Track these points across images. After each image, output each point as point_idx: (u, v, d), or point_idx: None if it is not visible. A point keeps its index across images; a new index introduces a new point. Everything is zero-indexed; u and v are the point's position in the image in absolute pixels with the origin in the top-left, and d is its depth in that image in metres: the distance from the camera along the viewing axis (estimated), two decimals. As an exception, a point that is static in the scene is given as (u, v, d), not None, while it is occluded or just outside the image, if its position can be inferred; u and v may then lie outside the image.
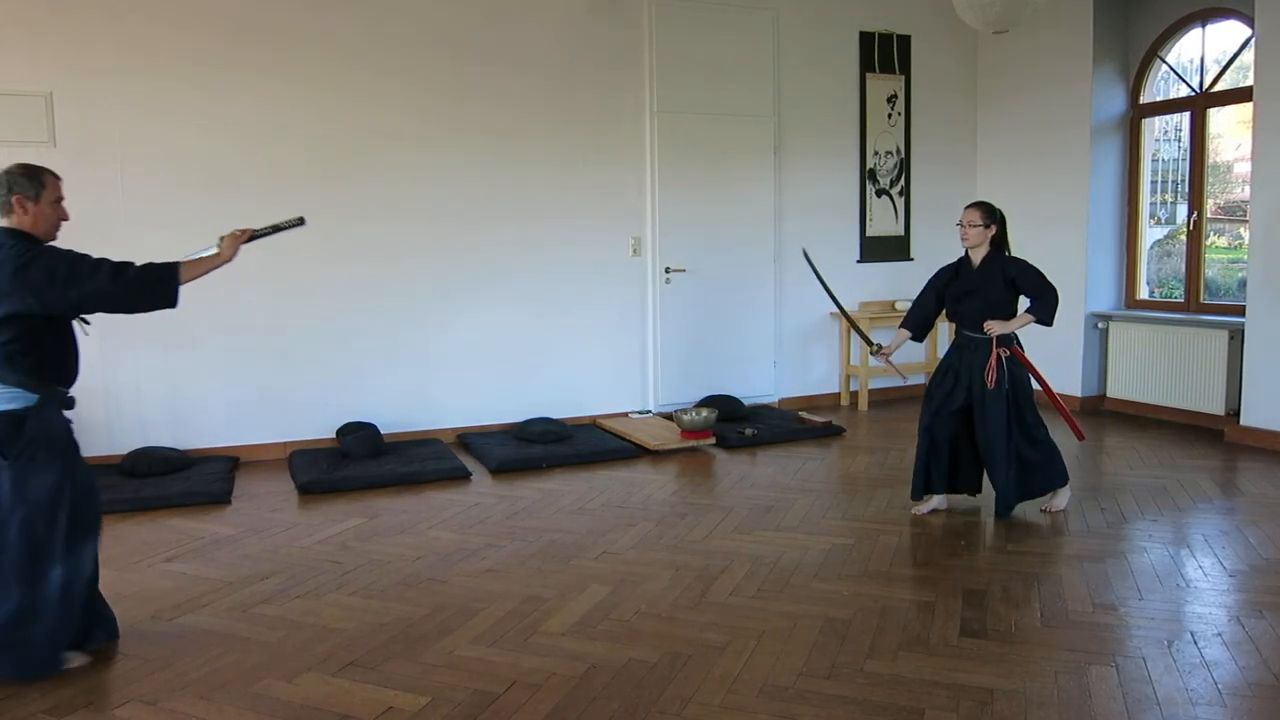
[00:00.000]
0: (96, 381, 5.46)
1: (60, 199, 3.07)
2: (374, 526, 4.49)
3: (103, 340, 5.46)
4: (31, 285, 2.85)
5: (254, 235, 3.47)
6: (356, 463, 5.48)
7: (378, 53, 5.91)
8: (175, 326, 5.58)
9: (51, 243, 3.04)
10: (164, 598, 3.61)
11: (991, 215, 4.50)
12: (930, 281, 4.69)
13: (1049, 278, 4.42)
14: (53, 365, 3.05)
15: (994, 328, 4.40)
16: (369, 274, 6.00)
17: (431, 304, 6.19)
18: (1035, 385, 4.55)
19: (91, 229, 5.38)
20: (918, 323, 4.69)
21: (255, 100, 5.65)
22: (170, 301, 3.10)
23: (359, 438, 5.64)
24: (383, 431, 5.90)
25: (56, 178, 3.07)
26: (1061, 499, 4.60)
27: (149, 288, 3.06)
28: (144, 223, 5.46)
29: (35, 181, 2.99)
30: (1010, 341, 4.44)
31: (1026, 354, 4.51)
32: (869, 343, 4.84)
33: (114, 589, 3.69)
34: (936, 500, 4.63)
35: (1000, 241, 4.53)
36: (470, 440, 6.05)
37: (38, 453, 2.94)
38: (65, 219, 3.10)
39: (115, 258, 5.56)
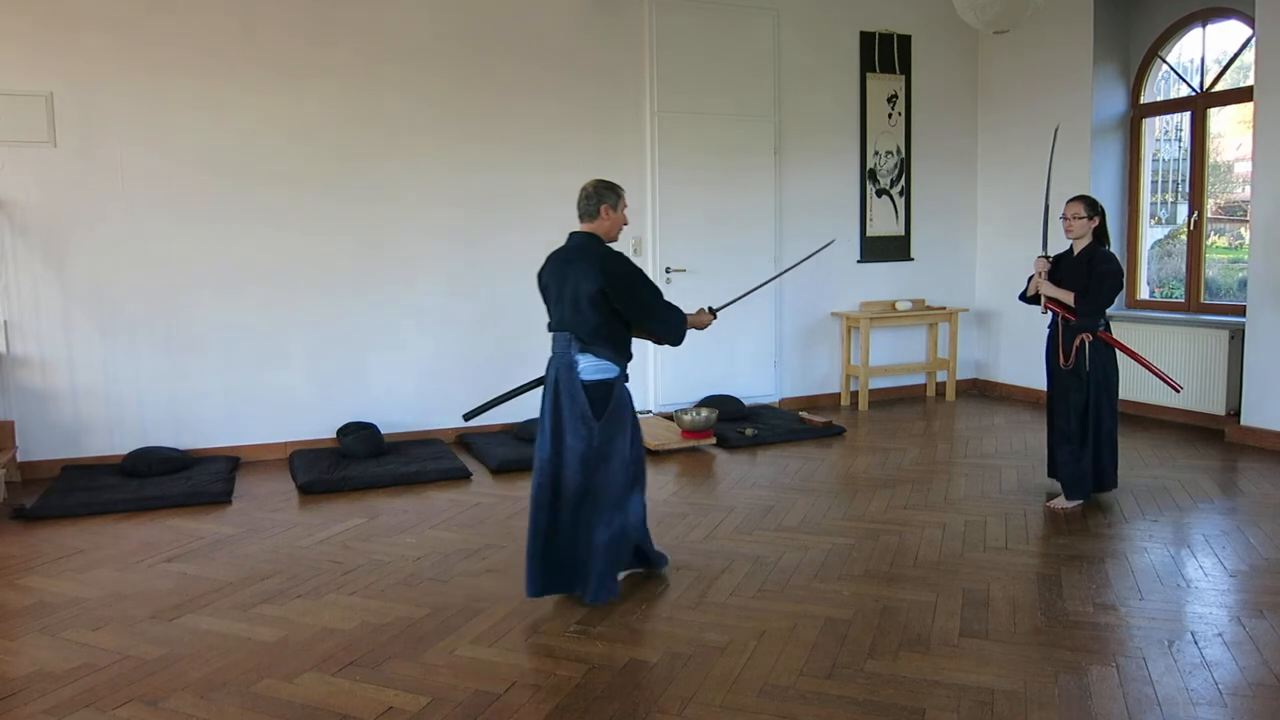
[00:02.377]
0: (97, 381, 5.47)
1: (625, 205, 3.68)
2: (374, 526, 4.49)
3: (104, 340, 5.47)
4: (622, 297, 3.49)
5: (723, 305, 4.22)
6: (357, 463, 5.48)
7: (377, 58, 5.91)
8: (176, 327, 5.60)
9: (612, 243, 3.64)
10: (164, 598, 3.61)
11: (1094, 208, 4.65)
12: None
13: (1113, 280, 4.55)
14: (626, 344, 3.62)
15: (1042, 285, 4.65)
16: (370, 273, 6.00)
17: (432, 303, 6.19)
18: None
19: (92, 229, 5.42)
20: (1029, 296, 4.85)
21: (256, 100, 5.65)
22: (679, 343, 3.72)
23: (359, 438, 5.64)
24: (383, 431, 5.90)
25: (623, 189, 3.68)
26: (1072, 502, 4.66)
27: (673, 332, 3.67)
28: (145, 222, 5.48)
29: (614, 193, 3.63)
30: (1092, 327, 4.56)
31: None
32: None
33: (115, 589, 3.70)
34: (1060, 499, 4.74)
35: (1101, 233, 4.68)
36: (471, 440, 6.05)
37: (618, 414, 3.55)
38: (626, 223, 3.71)
39: (118, 257, 5.60)
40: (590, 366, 3.52)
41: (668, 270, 6.77)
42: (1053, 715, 2.66)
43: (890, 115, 7.55)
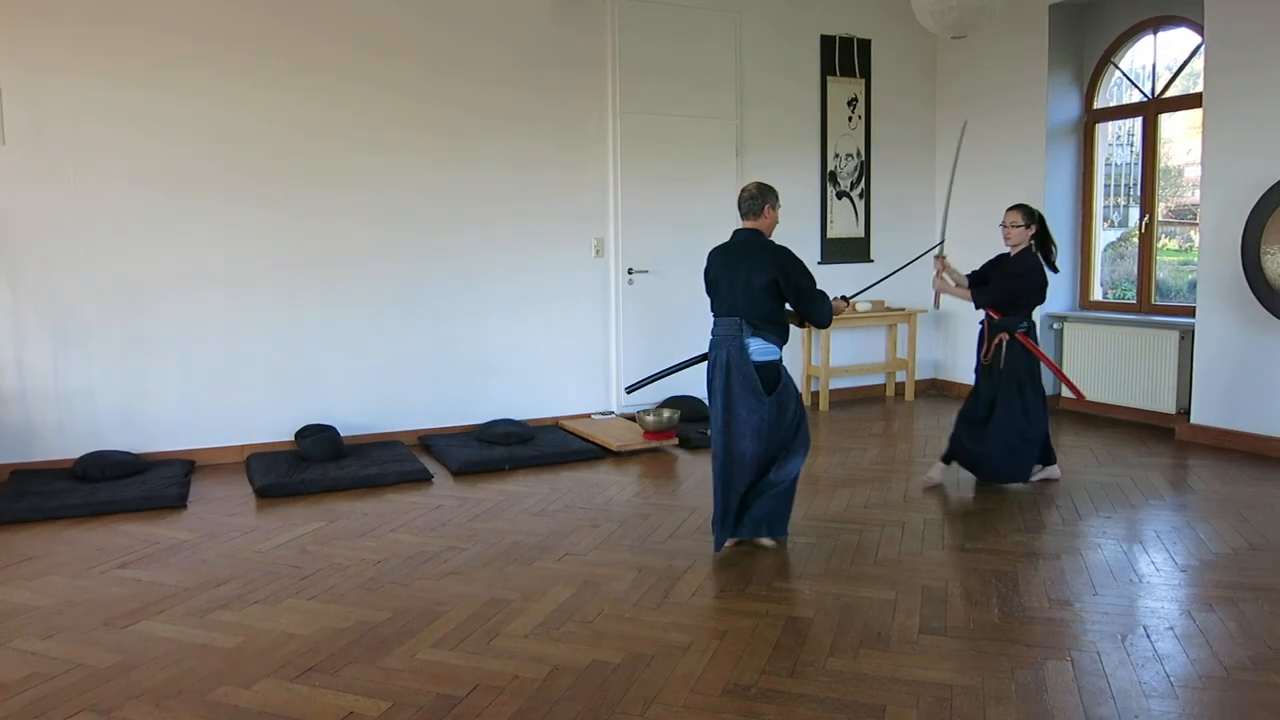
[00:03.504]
0: (48, 383, 5.35)
1: (780, 205, 4.18)
2: (334, 530, 4.44)
3: (53, 341, 5.36)
4: (791, 286, 3.96)
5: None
6: (316, 465, 5.42)
7: (338, 57, 5.85)
8: (130, 328, 5.50)
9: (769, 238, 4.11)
10: (118, 604, 3.54)
11: (1031, 216, 4.89)
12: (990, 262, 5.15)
13: (1016, 280, 4.87)
14: (787, 328, 4.07)
15: (938, 282, 5.12)
16: (329, 276, 5.93)
17: (392, 305, 6.14)
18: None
19: (43, 227, 5.30)
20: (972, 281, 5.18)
21: (211, 104, 5.56)
22: (827, 326, 4.16)
23: (318, 440, 5.58)
24: (342, 434, 5.84)
25: (777, 191, 4.18)
26: (1053, 471, 5.08)
27: (825, 316, 4.10)
28: (98, 222, 5.37)
29: (773, 194, 4.13)
30: (1010, 327, 4.83)
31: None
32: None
33: (66, 596, 3.63)
34: (937, 469, 5.09)
35: (1042, 239, 4.93)
36: (432, 442, 6.01)
37: (785, 391, 4.00)
38: (778, 221, 4.17)
39: (70, 256, 5.47)
40: (760, 349, 3.95)
41: (630, 271, 6.77)
42: (1010, 710, 2.70)
43: (850, 118, 7.62)
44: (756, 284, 3.92)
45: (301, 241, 5.86)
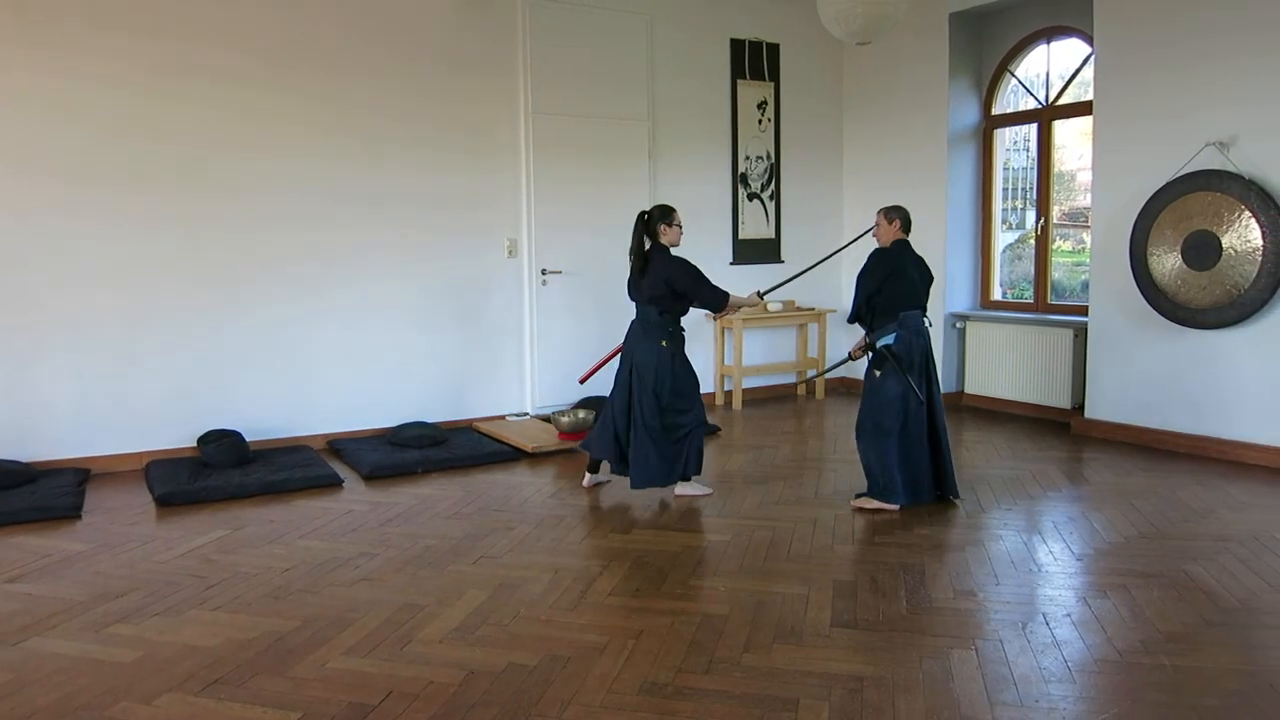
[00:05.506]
0: (-74, 390, 5.07)
1: None
2: (239, 538, 4.31)
3: (-67, 346, 5.07)
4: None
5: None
6: (220, 472, 5.25)
7: (242, 56, 5.67)
8: (19, 329, 5.24)
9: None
10: (7, 620, 3.38)
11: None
12: None
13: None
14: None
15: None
16: (233, 277, 5.75)
17: (300, 307, 5.99)
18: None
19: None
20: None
21: (107, 94, 5.34)
22: None
23: (222, 446, 5.41)
24: (248, 439, 5.67)
25: None
26: (689, 488, 4.97)
27: None
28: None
29: None
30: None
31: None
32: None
33: (-52, 614, 3.44)
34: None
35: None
36: (342, 446, 5.88)
37: (892, 367, 4.65)
38: None
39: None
40: None
41: (543, 272, 6.74)
42: (918, 699, 2.78)
43: (760, 121, 7.73)
44: (929, 284, 4.85)
45: (204, 243, 5.67)
